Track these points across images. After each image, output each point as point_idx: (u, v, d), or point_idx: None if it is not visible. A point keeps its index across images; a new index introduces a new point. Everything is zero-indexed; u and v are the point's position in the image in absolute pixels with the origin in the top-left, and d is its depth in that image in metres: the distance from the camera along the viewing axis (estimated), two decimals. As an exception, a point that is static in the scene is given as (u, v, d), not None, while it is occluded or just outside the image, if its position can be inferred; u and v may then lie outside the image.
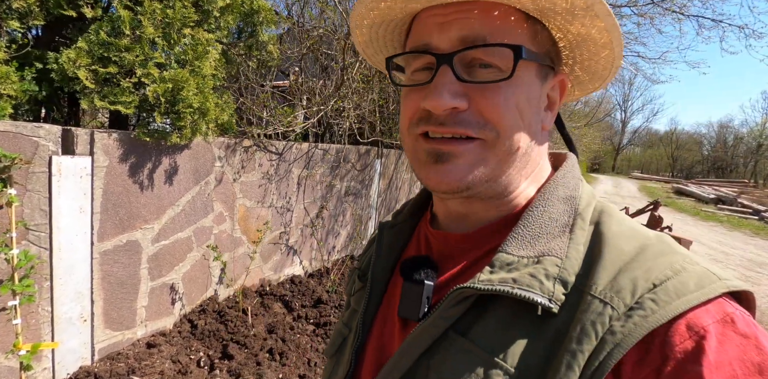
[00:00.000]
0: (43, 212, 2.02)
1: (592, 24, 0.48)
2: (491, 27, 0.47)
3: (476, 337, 0.45)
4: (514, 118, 0.48)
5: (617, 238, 0.46)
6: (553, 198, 0.52)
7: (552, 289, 0.43)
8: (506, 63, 0.47)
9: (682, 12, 5.77)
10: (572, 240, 0.48)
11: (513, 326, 0.44)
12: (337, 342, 0.64)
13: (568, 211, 0.51)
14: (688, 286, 0.40)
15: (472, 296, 0.46)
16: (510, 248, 0.48)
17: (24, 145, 1.91)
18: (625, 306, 0.40)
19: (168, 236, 2.71)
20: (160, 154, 2.55)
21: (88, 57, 2.11)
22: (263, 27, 3.08)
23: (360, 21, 0.56)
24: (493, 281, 0.45)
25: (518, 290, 0.43)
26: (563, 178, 0.55)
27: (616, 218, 0.50)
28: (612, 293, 0.41)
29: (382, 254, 0.64)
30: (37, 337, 2.07)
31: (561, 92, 0.56)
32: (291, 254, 4.01)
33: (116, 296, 2.45)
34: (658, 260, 0.43)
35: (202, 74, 2.43)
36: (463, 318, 0.47)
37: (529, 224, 0.49)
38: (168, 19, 2.27)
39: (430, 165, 0.50)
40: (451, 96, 0.47)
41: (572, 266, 0.45)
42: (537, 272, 0.45)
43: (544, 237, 0.48)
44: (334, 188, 4.41)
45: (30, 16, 2.05)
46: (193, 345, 2.73)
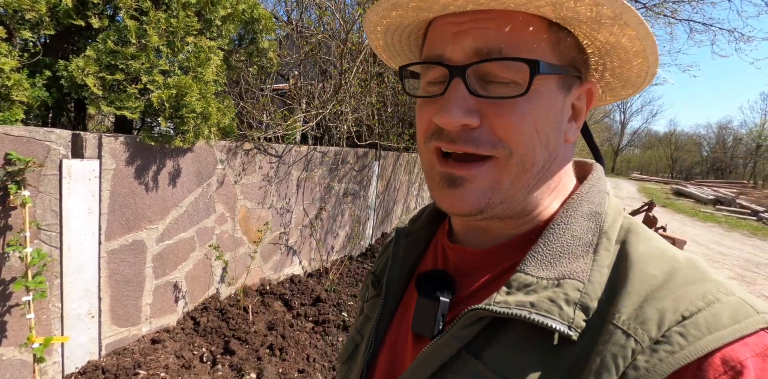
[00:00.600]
0: (54, 212, 2.12)
1: (621, 32, 0.45)
2: (507, 38, 0.44)
3: (489, 360, 0.43)
4: (530, 136, 0.46)
5: (644, 260, 0.43)
6: (576, 214, 0.49)
7: (572, 315, 0.41)
8: (523, 77, 0.44)
9: (674, 16, 5.89)
10: (596, 262, 0.45)
11: (528, 351, 0.42)
12: (350, 348, 0.63)
13: (592, 228, 0.48)
14: (722, 320, 0.37)
15: (487, 317, 0.45)
16: (529, 268, 0.46)
17: (36, 149, 2.01)
18: (650, 340, 0.37)
19: (172, 236, 2.81)
20: (164, 158, 2.65)
21: (96, 65, 2.22)
22: (263, 34, 3.19)
23: (373, 27, 0.55)
24: (509, 303, 0.43)
25: (536, 315, 0.41)
26: (588, 192, 0.51)
27: (643, 236, 0.47)
28: (636, 324, 0.38)
29: (397, 263, 0.62)
30: (47, 332, 2.17)
31: (588, 101, 0.53)
32: (290, 254, 4.11)
33: (122, 294, 2.55)
34: (689, 289, 0.40)
35: (204, 80, 2.54)
36: (477, 339, 0.45)
37: (550, 243, 0.47)
38: (172, 28, 2.38)
39: (444, 189, 0.49)
40: (462, 113, 0.45)
41: (595, 291, 0.42)
42: (557, 296, 0.42)
43: (565, 257, 0.45)
44: (332, 190, 4.51)
45: (41, 26, 2.15)
46: (195, 341, 2.83)
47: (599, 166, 0.57)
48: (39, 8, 2.06)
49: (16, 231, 1.96)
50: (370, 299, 0.65)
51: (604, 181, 0.55)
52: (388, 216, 6.06)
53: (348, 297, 3.83)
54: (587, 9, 0.42)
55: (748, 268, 7.04)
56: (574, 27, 0.47)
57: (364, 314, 0.65)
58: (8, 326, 2.02)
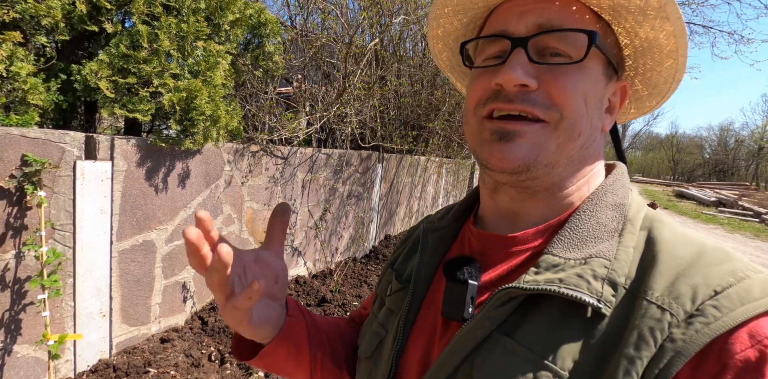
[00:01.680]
0: (67, 212, 2.17)
1: (661, 27, 0.49)
2: (567, 17, 0.49)
3: (523, 338, 0.45)
4: (579, 104, 0.49)
5: (672, 243, 0.46)
6: (601, 204, 0.51)
7: (600, 289, 0.43)
8: (578, 51, 0.49)
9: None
10: (621, 243, 0.47)
11: (561, 327, 0.43)
12: (374, 343, 0.63)
13: (617, 217, 0.50)
14: (753, 293, 0.39)
15: (518, 297, 0.46)
16: (556, 250, 0.48)
17: (51, 150, 2.07)
18: (685, 313, 0.39)
19: (180, 237, 2.86)
20: (174, 159, 2.70)
21: (108, 69, 2.28)
22: (269, 38, 3.25)
23: (441, 9, 0.58)
24: (539, 281, 0.45)
25: (565, 289, 0.43)
26: (612, 185, 0.54)
27: (668, 225, 0.49)
28: (671, 299, 0.40)
29: (425, 257, 0.62)
30: (61, 330, 2.21)
31: (621, 99, 0.57)
32: (296, 255, 4.15)
33: (133, 293, 2.59)
34: (719, 267, 0.42)
35: (213, 84, 2.59)
36: (510, 319, 0.47)
37: (577, 228, 0.49)
38: (182, 32, 2.44)
39: (494, 143, 0.51)
40: (523, 72, 0.48)
41: (621, 267, 0.44)
42: (584, 272, 0.44)
43: (591, 241, 0.48)
44: (336, 191, 4.56)
45: (56, 32, 2.21)
46: (204, 341, 2.87)
47: (623, 165, 0.59)
48: (55, 14, 2.12)
49: (32, 231, 2.01)
50: (393, 293, 0.64)
51: (627, 179, 0.57)
52: (391, 218, 6.10)
53: (353, 298, 3.87)
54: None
55: (751, 269, 7.03)
56: (621, 20, 0.51)
57: (386, 308, 0.65)
58: (23, 324, 2.07)
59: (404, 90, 6.01)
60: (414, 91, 6.29)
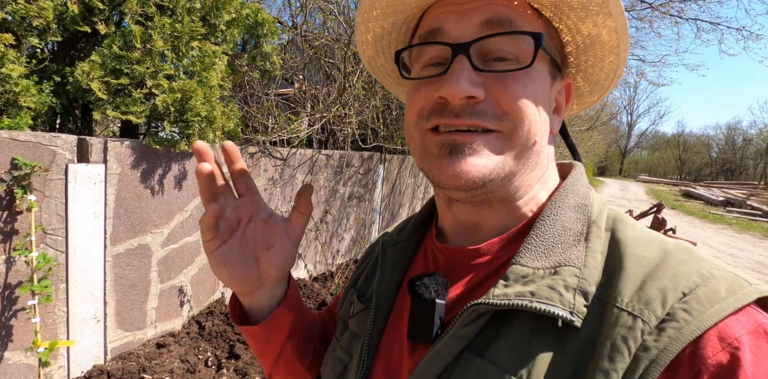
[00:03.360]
0: (59, 216, 2.13)
1: (603, 23, 0.48)
2: (515, 13, 0.46)
3: (495, 357, 0.42)
4: (532, 110, 0.46)
5: (635, 244, 0.44)
6: (564, 206, 0.49)
7: (573, 301, 0.41)
8: (524, 54, 0.46)
9: (681, 15, 5.84)
10: (589, 248, 0.45)
11: (533, 343, 0.41)
12: (337, 370, 0.59)
13: (581, 219, 0.49)
14: (720, 293, 0.38)
15: (487, 313, 0.44)
16: (524, 259, 0.45)
17: (42, 154, 2.03)
18: (657, 319, 0.38)
19: (177, 240, 2.82)
20: (169, 162, 2.66)
21: (101, 69, 2.24)
22: (267, 39, 3.20)
23: (369, 12, 0.53)
24: (509, 295, 0.42)
25: (537, 303, 0.41)
26: (573, 186, 0.52)
27: (630, 224, 0.48)
28: (641, 305, 0.39)
29: (386, 274, 0.59)
30: (53, 336, 2.18)
31: (567, 97, 0.55)
32: (296, 257, 4.10)
33: (128, 298, 2.56)
34: (684, 267, 0.41)
35: (209, 84, 2.55)
36: (479, 337, 0.44)
37: (542, 234, 0.47)
38: (177, 33, 2.40)
39: (444, 158, 0.47)
40: (469, 83, 0.44)
41: (592, 275, 0.43)
42: (555, 283, 0.42)
43: (558, 247, 0.46)
44: (337, 193, 4.51)
45: (48, 33, 2.18)
46: (201, 345, 2.83)
47: (579, 164, 0.57)
48: (46, 15, 2.09)
49: (22, 235, 1.97)
50: (356, 314, 0.61)
51: (586, 178, 0.56)
52: (393, 219, 6.05)
53: (353, 301, 3.82)
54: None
55: (761, 270, 6.92)
56: (563, 17, 0.49)
57: (349, 331, 0.61)
58: (14, 331, 2.03)
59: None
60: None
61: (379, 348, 0.55)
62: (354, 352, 0.57)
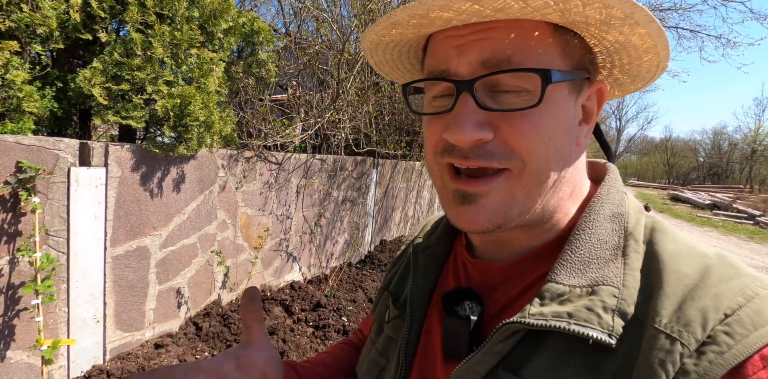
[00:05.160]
0: (62, 218, 2.19)
1: (631, 31, 0.44)
2: (515, 46, 0.43)
3: (530, 376, 0.42)
4: (541, 147, 0.45)
5: (675, 259, 0.42)
6: (599, 218, 0.48)
7: (611, 323, 0.40)
8: (534, 85, 0.43)
9: (663, 23, 6.04)
10: (627, 265, 0.44)
11: (568, 363, 0.40)
12: (374, 372, 0.60)
13: (617, 230, 0.47)
14: (764, 314, 0.37)
15: (521, 331, 0.43)
16: (559, 276, 0.44)
17: (46, 157, 2.09)
18: (697, 342, 0.36)
19: (175, 242, 2.88)
20: (168, 165, 2.73)
21: (102, 76, 2.31)
22: (262, 46, 3.29)
23: (373, 46, 0.53)
24: (545, 314, 0.42)
25: (575, 326, 0.40)
26: (608, 193, 0.50)
27: (669, 235, 0.46)
28: (680, 327, 0.37)
29: (418, 280, 0.60)
30: (54, 336, 2.22)
31: (599, 101, 0.51)
32: (290, 260, 4.16)
33: (127, 299, 2.60)
34: (726, 285, 0.39)
35: (207, 90, 2.63)
36: (512, 354, 0.43)
37: (577, 249, 0.46)
38: (176, 40, 2.48)
39: (459, 206, 0.48)
40: (474, 128, 0.43)
41: (631, 295, 0.41)
42: (594, 304, 0.41)
43: (594, 263, 0.44)
44: (331, 196, 4.59)
45: (51, 40, 2.25)
46: (198, 346, 2.87)
47: (613, 167, 0.55)
48: (50, 23, 2.16)
49: (26, 236, 2.02)
50: (391, 320, 0.61)
51: (620, 182, 0.53)
52: (386, 223, 6.12)
53: (348, 302, 3.88)
54: (596, 12, 0.41)
55: (745, 271, 7.08)
56: (582, 30, 0.45)
57: (384, 335, 0.61)
58: (17, 330, 2.07)
59: (398, 96, 6.07)
60: (408, 97, 6.33)
61: (415, 356, 0.56)
62: (390, 356, 0.58)
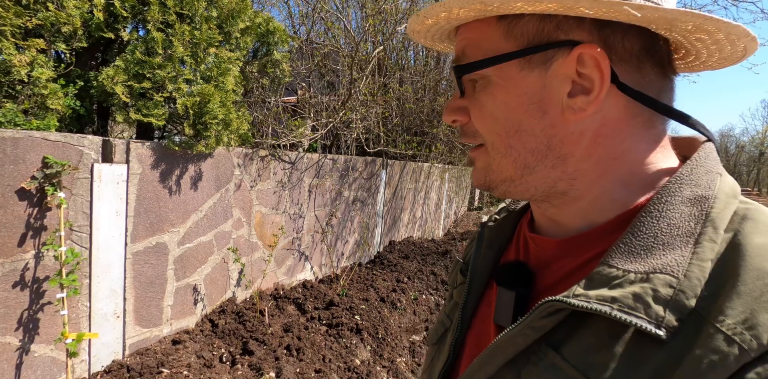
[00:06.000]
0: (85, 214, 2.22)
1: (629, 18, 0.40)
2: (468, 42, 0.50)
3: (569, 354, 0.41)
4: (491, 124, 0.49)
5: (761, 254, 0.37)
6: (674, 200, 0.42)
7: (663, 314, 0.36)
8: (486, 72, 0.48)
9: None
10: (696, 254, 0.38)
11: (611, 348, 0.38)
12: (439, 331, 0.66)
13: (695, 216, 0.41)
14: None
15: (564, 310, 0.42)
16: (614, 259, 0.41)
17: (70, 153, 2.13)
18: (760, 347, 0.32)
19: (192, 240, 2.90)
20: (186, 163, 2.76)
21: (124, 74, 2.35)
22: (277, 46, 3.33)
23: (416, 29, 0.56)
24: (590, 297, 0.40)
25: (617, 312, 0.37)
26: (691, 173, 0.44)
27: (763, 225, 0.40)
28: (743, 329, 0.33)
29: (482, 251, 0.63)
30: (76, 330, 2.24)
31: (598, 65, 0.43)
32: (303, 259, 4.18)
33: (146, 295, 2.63)
34: None
35: (225, 89, 2.66)
36: (557, 331, 0.43)
37: (641, 232, 0.42)
38: (195, 39, 2.51)
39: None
40: (450, 113, 0.53)
41: (692, 287, 0.37)
42: (644, 292, 0.38)
43: (659, 248, 0.40)
44: (342, 196, 4.61)
45: (74, 39, 2.29)
46: (214, 342, 2.89)
47: (709, 144, 0.48)
48: (74, 22, 2.20)
49: (50, 231, 2.06)
50: (458, 286, 0.66)
51: (716, 160, 0.46)
52: (395, 224, 6.14)
53: (360, 301, 3.89)
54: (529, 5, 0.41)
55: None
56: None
57: (453, 300, 0.66)
58: (41, 324, 2.10)
59: (408, 97, 6.10)
60: (417, 98, 6.39)
61: (474, 320, 0.60)
62: (453, 318, 0.63)
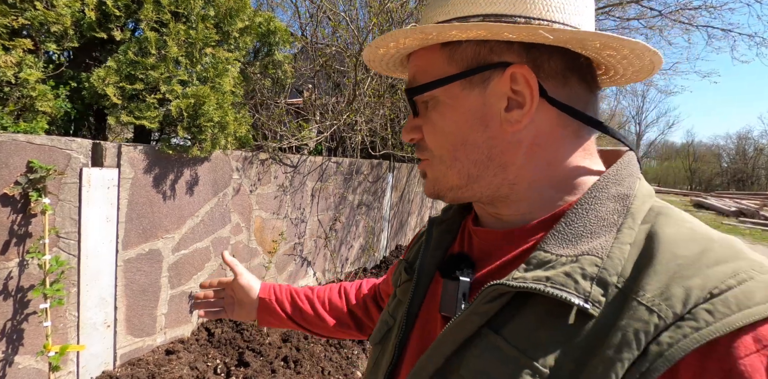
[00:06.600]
0: (73, 220, 2.14)
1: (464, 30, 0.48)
2: (417, 69, 0.56)
3: (509, 335, 0.44)
4: (440, 139, 0.55)
5: (674, 240, 0.42)
6: (602, 196, 0.48)
7: (589, 289, 0.41)
8: (429, 95, 0.54)
9: (691, 23, 5.83)
10: (617, 239, 0.44)
11: (547, 326, 0.43)
12: (383, 331, 0.66)
13: (619, 210, 0.47)
14: (753, 297, 0.36)
15: (506, 294, 0.45)
16: (548, 246, 0.46)
17: (58, 157, 2.04)
18: (675, 316, 0.37)
19: (187, 246, 2.81)
20: (182, 167, 2.67)
21: (116, 75, 2.27)
22: (279, 47, 3.23)
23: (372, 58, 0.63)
24: (527, 278, 0.44)
25: (551, 288, 0.42)
26: (616, 174, 0.51)
27: (675, 219, 0.46)
28: (660, 300, 0.38)
29: (430, 249, 0.65)
30: (64, 340, 2.16)
31: (527, 82, 0.48)
32: (305, 265, 4.08)
33: (138, 303, 2.54)
34: (720, 267, 0.39)
35: (222, 91, 2.57)
36: (499, 315, 0.46)
37: (572, 223, 0.47)
38: (191, 39, 2.42)
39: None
40: (407, 131, 0.59)
41: (614, 266, 0.42)
42: (573, 271, 0.43)
43: (587, 236, 0.45)
44: (346, 200, 4.50)
45: (65, 39, 2.21)
46: (210, 353, 2.79)
47: (630, 152, 0.56)
48: (64, 21, 2.12)
49: (35, 238, 1.97)
50: (402, 284, 0.68)
51: (636, 167, 0.53)
52: (402, 228, 6.01)
53: (363, 309, 3.77)
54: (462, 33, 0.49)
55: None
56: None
57: (396, 299, 0.68)
58: (25, 334, 2.02)
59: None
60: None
61: (418, 316, 0.62)
62: (397, 316, 0.65)
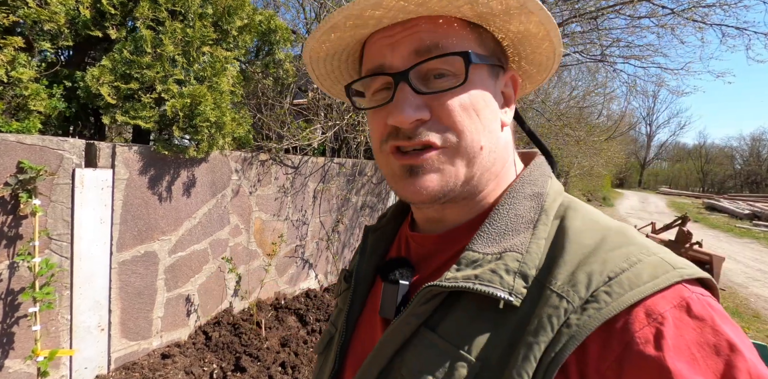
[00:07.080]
0: (65, 222, 2.10)
1: (528, 20, 0.51)
2: (439, 35, 0.50)
3: (444, 332, 0.47)
4: (471, 121, 0.51)
5: (579, 232, 0.48)
6: (519, 196, 0.53)
7: (512, 283, 0.45)
8: (459, 68, 0.50)
9: (704, 21, 5.67)
10: (534, 235, 0.49)
11: (477, 320, 0.46)
12: (325, 340, 0.67)
13: (534, 207, 0.52)
14: (642, 277, 0.41)
15: (441, 294, 0.48)
16: (476, 246, 0.50)
17: (49, 157, 2.00)
18: (580, 299, 0.41)
19: (185, 248, 2.77)
20: (179, 168, 2.63)
21: (111, 74, 2.22)
22: (279, 45, 3.18)
23: (314, 55, 0.58)
24: (458, 278, 0.47)
25: (479, 285, 0.45)
26: (530, 175, 0.56)
27: (581, 212, 0.51)
28: (568, 287, 0.42)
29: (366, 257, 0.66)
30: (56, 344, 2.12)
31: (514, 88, 0.59)
32: (306, 267, 4.02)
33: (133, 306, 2.50)
34: (615, 252, 0.44)
35: (219, 90, 2.52)
36: (434, 315, 0.49)
37: (495, 222, 0.51)
38: (188, 37, 2.38)
39: (407, 179, 0.52)
40: (413, 109, 0.49)
41: (533, 260, 0.46)
42: (498, 267, 0.47)
43: (509, 234, 0.50)
44: (349, 202, 4.44)
45: (60, 38, 2.18)
46: (206, 357, 2.74)
47: (541, 155, 0.62)
48: (58, 19, 2.08)
49: (26, 240, 1.94)
50: (342, 293, 0.68)
51: (547, 167, 0.60)
52: (407, 229, 5.93)
53: (365, 313, 3.70)
54: (497, 2, 0.48)
55: (794, 286, 6.56)
56: (489, 22, 0.53)
57: (338, 308, 0.68)
58: (16, 338, 1.98)
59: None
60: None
61: (359, 322, 0.62)
62: (338, 325, 0.64)
